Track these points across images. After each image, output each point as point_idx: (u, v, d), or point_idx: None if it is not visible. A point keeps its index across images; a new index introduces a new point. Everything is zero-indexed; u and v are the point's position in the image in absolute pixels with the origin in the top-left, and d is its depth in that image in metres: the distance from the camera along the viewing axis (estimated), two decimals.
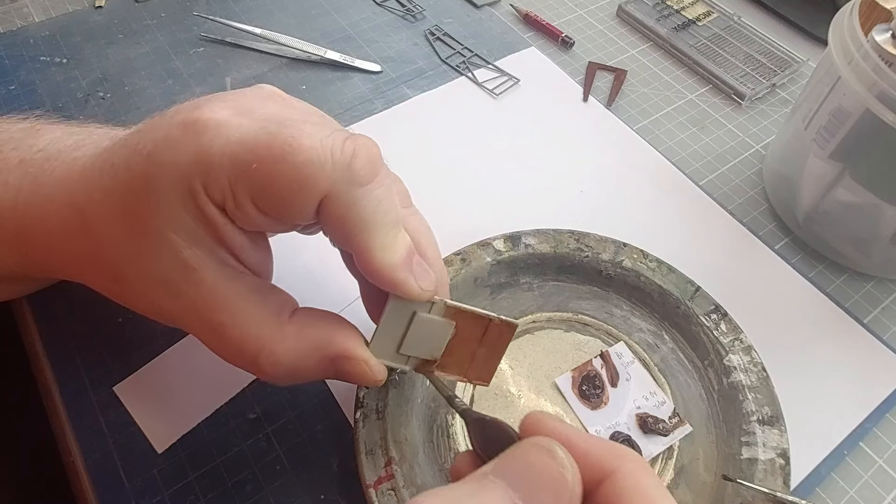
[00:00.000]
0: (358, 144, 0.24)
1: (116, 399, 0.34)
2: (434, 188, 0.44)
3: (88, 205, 0.26)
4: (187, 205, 0.24)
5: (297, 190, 0.24)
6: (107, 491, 0.31)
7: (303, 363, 0.27)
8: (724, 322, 0.36)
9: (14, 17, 0.53)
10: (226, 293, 0.25)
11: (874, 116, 0.34)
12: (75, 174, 0.27)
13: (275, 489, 0.32)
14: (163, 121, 0.25)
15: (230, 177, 0.24)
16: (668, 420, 0.34)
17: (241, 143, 0.24)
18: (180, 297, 0.25)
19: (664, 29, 0.56)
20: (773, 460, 0.31)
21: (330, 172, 0.24)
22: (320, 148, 0.24)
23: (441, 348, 0.28)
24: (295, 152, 0.23)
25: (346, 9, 0.56)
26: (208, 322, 0.26)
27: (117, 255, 0.26)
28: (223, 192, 0.24)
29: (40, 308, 0.37)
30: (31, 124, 0.30)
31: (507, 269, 0.38)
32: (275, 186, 0.24)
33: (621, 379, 0.35)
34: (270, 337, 0.26)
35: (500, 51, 0.53)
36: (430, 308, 0.27)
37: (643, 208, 0.44)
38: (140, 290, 0.26)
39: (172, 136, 0.24)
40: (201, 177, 0.24)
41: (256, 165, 0.23)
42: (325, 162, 0.23)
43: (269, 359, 0.26)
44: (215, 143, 0.24)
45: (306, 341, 0.26)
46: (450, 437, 0.32)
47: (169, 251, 0.25)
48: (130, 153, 0.25)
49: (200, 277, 0.25)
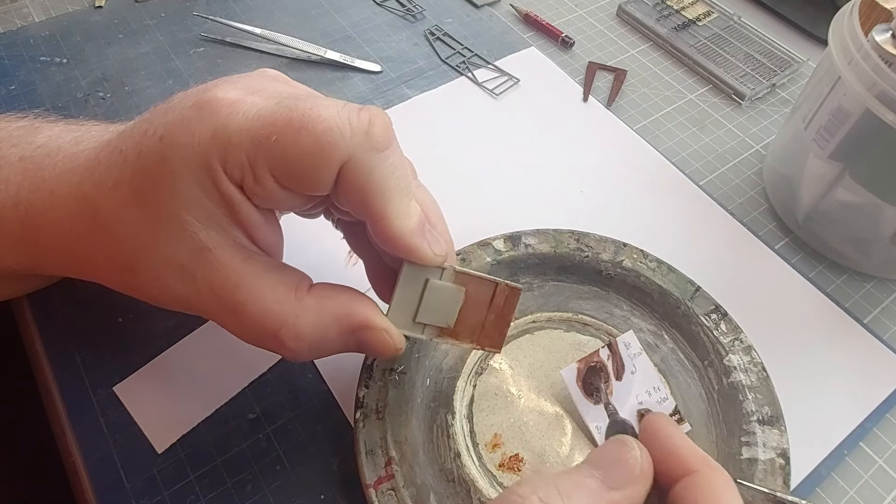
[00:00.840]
0: (372, 113, 0.25)
1: (116, 399, 0.34)
2: (434, 188, 0.44)
3: (98, 194, 0.26)
4: (204, 184, 0.24)
5: (319, 158, 0.24)
6: (107, 491, 0.31)
7: (324, 335, 0.27)
8: (724, 322, 0.36)
9: (14, 17, 0.53)
10: (242, 272, 0.26)
11: (874, 116, 0.34)
12: (79, 166, 0.27)
13: (275, 489, 0.32)
14: (171, 105, 0.26)
15: (249, 152, 0.24)
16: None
17: (259, 117, 0.24)
18: (196, 280, 0.26)
19: (664, 29, 0.56)
20: (773, 460, 0.31)
21: (349, 139, 0.24)
22: (338, 117, 0.24)
23: (454, 315, 0.29)
24: (314, 122, 0.24)
25: (346, 9, 0.56)
26: (226, 302, 0.26)
27: (130, 243, 0.26)
28: (242, 168, 0.24)
29: (40, 308, 0.37)
30: (29, 122, 0.30)
31: (507, 269, 0.38)
32: (296, 156, 0.24)
33: (626, 372, 0.35)
34: (291, 311, 0.26)
35: (500, 51, 0.53)
36: (440, 275, 0.28)
37: (643, 208, 0.44)
38: (153, 276, 0.26)
39: (186, 117, 0.25)
40: (220, 154, 0.24)
41: (277, 137, 0.24)
42: (343, 129, 0.24)
43: (291, 332, 0.26)
44: (232, 120, 0.24)
45: (326, 313, 0.27)
46: (450, 437, 0.32)
47: (184, 234, 0.25)
48: (140, 138, 0.25)
49: (216, 257, 0.25)
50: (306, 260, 0.30)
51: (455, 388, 0.34)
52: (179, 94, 0.26)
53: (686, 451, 0.24)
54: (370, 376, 0.33)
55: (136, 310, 0.36)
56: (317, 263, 0.36)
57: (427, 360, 0.34)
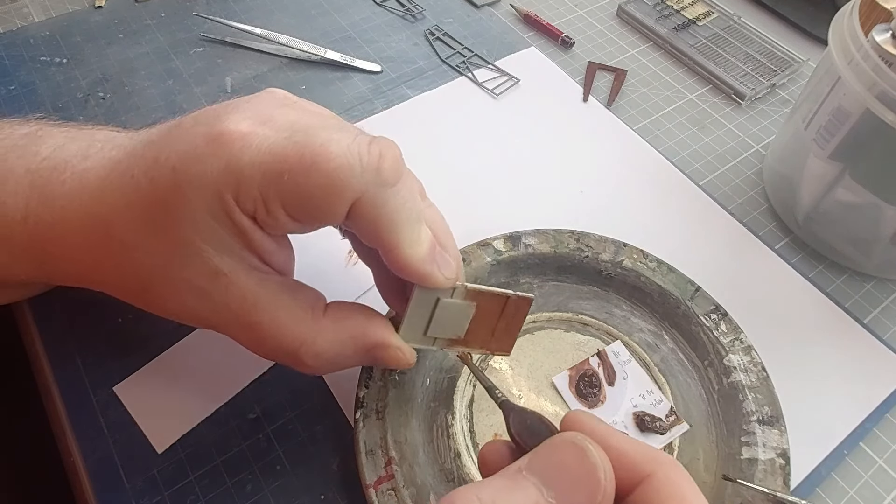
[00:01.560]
0: (382, 147, 0.25)
1: (116, 399, 0.34)
2: (434, 188, 0.44)
3: (112, 216, 0.26)
4: (217, 215, 0.25)
5: (331, 195, 0.24)
6: (107, 491, 0.31)
7: (341, 352, 0.28)
8: (724, 322, 0.36)
9: (14, 17, 0.53)
10: (258, 295, 0.26)
11: (874, 116, 0.34)
12: (90, 186, 0.27)
13: (275, 489, 0.32)
14: (182, 131, 0.26)
15: (261, 186, 0.24)
16: (665, 418, 0.34)
17: (271, 153, 0.24)
18: (212, 301, 0.26)
19: (664, 29, 0.56)
20: (773, 460, 0.31)
21: (360, 176, 0.24)
22: (349, 154, 0.24)
23: (465, 327, 0.30)
24: (326, 160, 0.24)
25: (346, 9, 0.56)
26: (244, 323, 0.27)
27: (145, 265, 0.26)
28: (254, 201, 0.24)
29: (40, 308, 0.37)
30: (33, 129, 0.30)
31: (507, 269, 0.38)
32: (308, 194, 0.24)
33: (618, 378, 0.35)
34: (309, 332, 0.27)
35: (500, 51, 0.53)
36: (451, 293, 0.28)
37: (643, 208, 0.44)
38: (169, 294, 0.27)
39: (198, 149, 0.25)
40: (232, 188, 0.24)
41: (288, 175, 0.24)
42: (354, 167, 0.24)
43: (311, 350, 0.27)
44: (244, 155, 0.24)
45: (343, 333, 0.28)
46: (450, 437, 0.32)
47: (199, 259, 0.25)
48: (151, 165, 0.26)
49: (231, 281, 0.26)
50: (307, 260, 0.30)
51: (455, 388, 0.34)
52: (189, 118, 0.26)
53: (634, 454, 0.20)
54: (370, 376, 0.33)
55: (136, 310, 0.36)
56: (317, 263, 0.36)
57: (427, 360, 0.34)
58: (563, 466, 0.19)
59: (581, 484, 0.19)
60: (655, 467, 0.20)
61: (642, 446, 0.21)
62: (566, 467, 0.19)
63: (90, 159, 0.28)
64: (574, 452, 0.19)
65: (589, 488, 0.19)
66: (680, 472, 0.20)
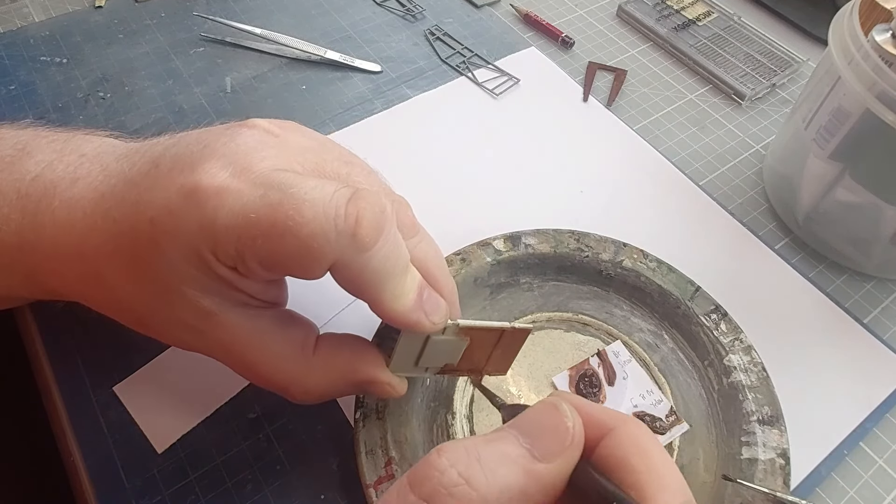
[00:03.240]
0: (360, 207, 0.24)
1: (116, 399, 0.34)
2: (434, 188, 0.44)
3: (97, 258, 0.26)
4: (199, 267, 0.25)
5: (305, 259, 0.24)
6: (107, 491, 0.31)
7: (330, 389, 0.29)
8: (724, 322, 0.36)
9: (14, 17, 0.53)
10: (249, 333, 0.27)
11: (874, 116, 0.34)
12: (77, 222, 0.27)
13: (275, 489, 0.32)
14: (160, 176, 0.25)
15: (237, 247, 0.24)
16: (665, 418, 0.34)
17: (244, 216, 0.23)
18: (205, 337, 0.26)
19: (664, 29, 0.56)
20: (773, 460, 0.31)
21: (335, 243, 0.24)
22: (323, 219, 0.23)
23: (457, 358, 0.29)
24: (298, 227, 0.23)
25: (346, 9, 0.56)
26: (236, 359, 0.27)
27: (135, 304, 0.27)
28: (232, 258, 0.24)
29: (40, 308, 0.37)
30: (21, 142, 0.29)
31: (507, 269, 0.38)
32: (282, 257, 0.24)
33: (618, 378, 0.35)
34: (298, 372, 0.27)
35: (500, 51, 0.53)
36: (443, 331, 0.27)
37: (643, 208, 0.44)
38: (164, 331, 0.27)
39: (173, 206, 0.24)
40: (209, 245, 0.24)
41: (261, 241, 0.23)
42: (329, 234, 0.23)
43: (301, 388, 0.28)
44: (219, 215, 0.24)
45: (333, 372, 0.28)
46: (450, 437, 0.32)
47: (186, 302, 0.25)
48: (130, 211, 0.25)
49: (221, 321, 0.26)
50: None
51: (455, 388, 0.34)
52: (168, 158, 0.25)
53: (599, 413, 0.22)
54: None
55: None
56: None
57: None
58: (537, 419, 0.22)
59: (551, 431, 0.21)
60: (620, 423, 0.22)
61: (611, 411, 0.23)
62: (539, 419, 0.22)
63: (77, 184, 0.27)
64: (547, 408, 0.22)
65: (558, 434, 0.21)
66: (642, 427, 0.22)
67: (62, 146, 0.29)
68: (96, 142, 0.30)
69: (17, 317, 0.38)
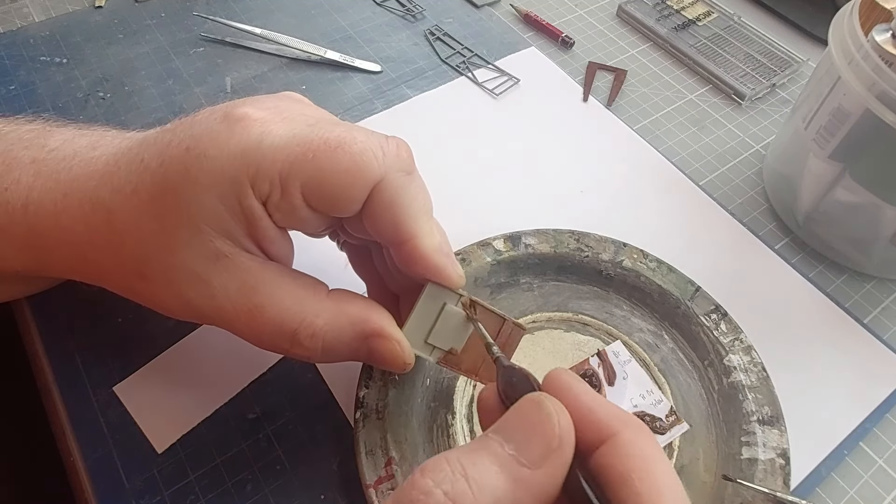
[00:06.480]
0: (398, 141, 0.27)
1: (116, 399, 0.34)
2: (434, 188, 0.43)
3: (114, 199, 0.26)
4: (226, 198, 0.25)
5: (355, 176, 0.25)
6: (107, 491, 0.31)
7: (339, 337, 0.27)
8: (724, 322, 0.36)
9: (14, 17, 0.53)
10: (260, 275, 0.26)
11: (874, 116, 0.34)
12: (97, 171, 0.27)
13: (275, 489, 0.32)
14: (198, 119, 0.26)
15: (282, 170, 0.25)
16: (665, 418, 0.34)
17: (294, 138, 0.25)
18: (210, 286, 0.26)
19: (664, 29, 0.56)
20: (773, 460, 0.31)
21: (383, 160, 0.26)
22: (371, 141, 0.26)
23: (462, 342, 0.29)
24: (351, 143, 0.25)
25: (346, 9, 0.56)
26: (243, 305, 0.26)
27: (143, 249, 0.26)
28: (271, 185, 0.25)
29: (40, 308, 0.37)
30: (40, 126, 0.30)
31: (507, 269, 0.38)
32: (333, 174, 0.25)
33: (618, 378, 0.35)
34: (310, 310, 0.27)
35: (500, 51, 0.53)
36: (457, 301, 0.29)
37: (643, 208, 0.44)
38: (165, 283, 0.27)
39: (216, 131, 0.25)
40: (250, 169, 0.24)
41: (314, 155, 0.25)
42: (377, 151, 0.26)
43: (308, 331, 0.27)
44: (265, 139, 0.25)
45: (344, 316, 0.27)
46: (450, 437, 0.32)
47: (199, 241, 0.25)
48: (164, 148, 0.26)
49: (232, 262, 0.26)
50: (307, 261, 0.30)
51: (455, 388, 0.34)
52: (207, 110, 0.27)
53: (601, 412, 0.21)
54: (370, 376, 0.33)
55: (136, 310, 0.36)
56: (316, 264, 0.36)
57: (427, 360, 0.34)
58: (520, 421, 0.20)
59: (536, 433, 0.20)
60: (621, 427, 0.20)
61: (612, 407, 0.21)
62: (523, 421, 0.20)
63: (99, 149, 0.28)
64: (531, 407, 0.20)
65: (544, 437, 0.20)
66: (646, 434, 0.20)
67: (85, 130, 0.30)
68: (115, 130, 0.31)
69: (18, 316, 0.38)
